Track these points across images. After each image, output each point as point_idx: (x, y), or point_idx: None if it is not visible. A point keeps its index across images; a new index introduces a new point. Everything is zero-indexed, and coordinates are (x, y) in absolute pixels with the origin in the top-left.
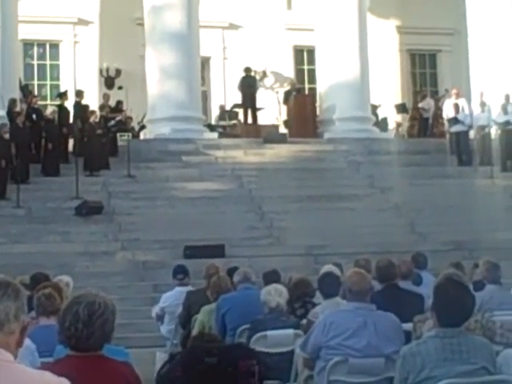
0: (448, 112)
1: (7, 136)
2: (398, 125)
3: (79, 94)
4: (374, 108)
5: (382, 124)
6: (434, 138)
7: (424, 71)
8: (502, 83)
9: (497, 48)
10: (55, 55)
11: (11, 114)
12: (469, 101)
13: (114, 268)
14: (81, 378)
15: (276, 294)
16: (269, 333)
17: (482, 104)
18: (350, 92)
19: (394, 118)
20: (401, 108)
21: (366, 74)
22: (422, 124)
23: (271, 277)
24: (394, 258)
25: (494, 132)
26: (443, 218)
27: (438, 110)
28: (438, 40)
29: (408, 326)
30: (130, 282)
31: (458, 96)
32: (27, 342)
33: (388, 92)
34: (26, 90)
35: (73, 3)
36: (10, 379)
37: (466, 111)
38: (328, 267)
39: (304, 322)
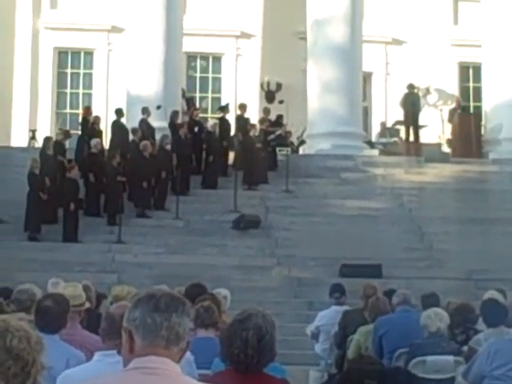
0: None
1: (169, 147)
2: None
3: (242, 107)
4: None
5: None
6: None
7: None
8: None
9: None
10: (217, 68)
11: (173, 125)
12: None
13: (269, 283)
14: None
15: (437, 319)
16: (428, 358)
17: None
18: None
19: None
20: None
21: None
22: None
23: (430, 300)
24: None
25: None
26: None
27: None
28: None
29: None
30: (284, 298)
31: None
32: (186, 353)
33: None
34: (190, 101)
35: (236, 16)
36: None
37: None
38: (491, 293)
39: (465, 348)
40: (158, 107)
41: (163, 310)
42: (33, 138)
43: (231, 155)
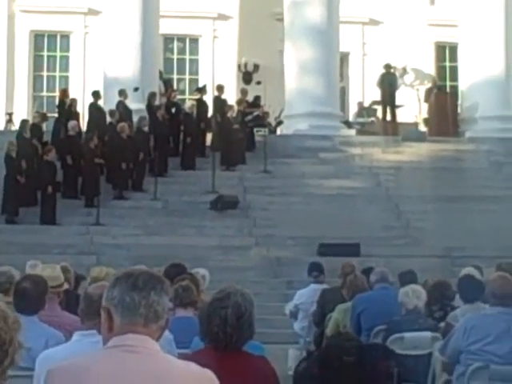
0: None
1: (146, 129)
2: None
3: (220, 88)
4: None
5: None
6: None
7: None
8: None
9: None
10: (195, 50)
11: (151, 107)
12: None
13: (247, 263)
14: (219, 371)
15: (414, 296)
16: (406, 334)
17: None
18: (493, 90)
19: None
20: None
21: (510, 72)
22: None
23: (407, 277)
24: None
25: None
26: None
27: None
28: None
29: None
30: (263, 278)
31: None
32: (165, 332)
33: None
34: (167, 83)
35: None
36: (157, 367)
37: None
38: (468, 270)
39: (442, 324)
40: (136, 89)
41: (141, 289)
42: (9, 121)
43: (209, 136)
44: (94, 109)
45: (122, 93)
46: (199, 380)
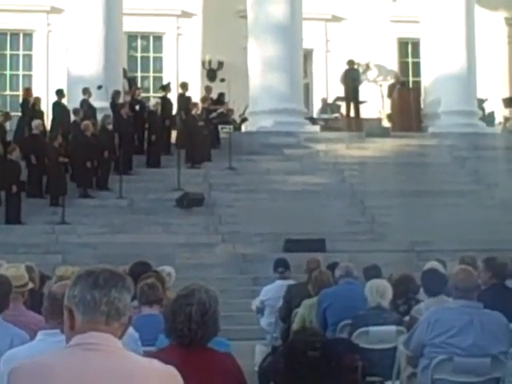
0: None
1: (111, 127)
2: (506, 119)
3: (184, 86)
4: (481, 102)
5: (489, 118)
6: None
7: None
8: None
9: None
10: (158, 48)
11: (115, 105)
12: None
13: (214, 260)
14: (184, 368)
15: (378, 295)
16: (371, 329)
17: None
18: (455, 85)
19: (501, 113)
20: (508, 102)
21: (472, 67)
22: None
23: (372, 272)
24: (501, 256)
25: None
26: None
27: None
28: None
29: None
30: (229, 275)
31: None
32: (131, 330)
33: (495, 85)
34: (131, 81)
35: None
36: (120, 365)
37: None
38: (432, 264)
39: (407, 318)
40: (99, 87)
41: (102, 286)
42: None
43: (174, 134)
44: (58, 107)
45: (85, 91)
46: (162, 377)
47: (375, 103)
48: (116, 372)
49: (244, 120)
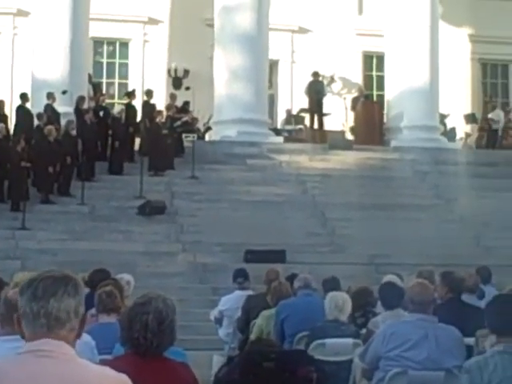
0: None
1: (74, 132)
2: (467, 135)
3: (149, 93)
4: (443, 117)
5: (450, 134)
6: (503, 150)
7: (495, 81)
8: None
9: None
10: (124, 54)
11: (79, 111)
12: None
13: (174, 269)
14: (138, 376)
15: (336, 310)
16: (327, 341)
17: None
18: (418, 100)
19: (462, 128)
20: (470, 118)
21: (435, 82)
22: (491, 135)
23: (331, 284)
24: (459, 270)
25: None
26: (510, 233)
27: (509, 121)
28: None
29: (470, 340)
30: (189, 284)
31: None
32: (87, 338)
33: (457, 101)
34: (96, 86)
35: (144, 2)
36: (73, 372)
37: None
38: (390, 277)
39: (364, 331)
40: (64, 92)
41: (40, 298)
42: None
43: (137, 141)
44: (22, 111)
45: (50, 96)
46: None
47: (339, 116)
48: (68, 379)
49: (208, 129)
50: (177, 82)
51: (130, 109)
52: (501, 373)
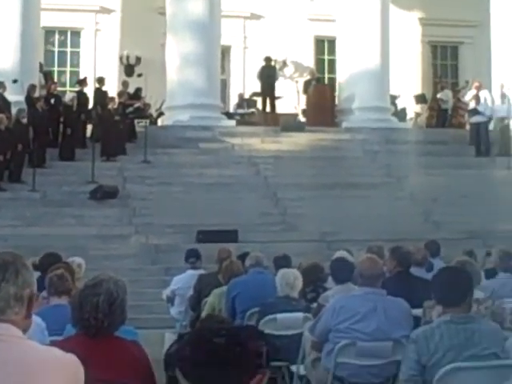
0: (470, 103)
1: (25, 121)
2: (417, 115)
3: (100, 80)
4: (393, 98)
5: (401, 114)
6: (452, 129)
7: (445, 63)
8: None
9: None
10: (76, 43)
11: (30, 99)
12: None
13: (127, 251)
14: (89, 356)
15: (288, 287)
16: (278, 316)
17: (503, 96)
18: (369, 82)
19: (413, 109)
20: (420, 98)
21: (386, 65)
22: (441, 115)
23: (282, 262)
24: (408, 245)
25: None
26: (458, 208)
27: (458, 101)
28: (461, 32)
29: (417, 311)
30: (142, 265)
31: (479, 88)
32: (38, 320)
33: (408, 82)
34: (48, 75)
35: None
36: (19, 354)
37: (489, 103)
38: (340, 253)
39: (315, 305)
40: (15, 81)
41: None
42: None
43: (89, 128)
44: None
45: (0, 85)
46: (62, 365)
47: (291, 99)
48: (13, 361)
49: (160, 114)
50: (129, 69)
51: (81, 96)
52: (447, 342)
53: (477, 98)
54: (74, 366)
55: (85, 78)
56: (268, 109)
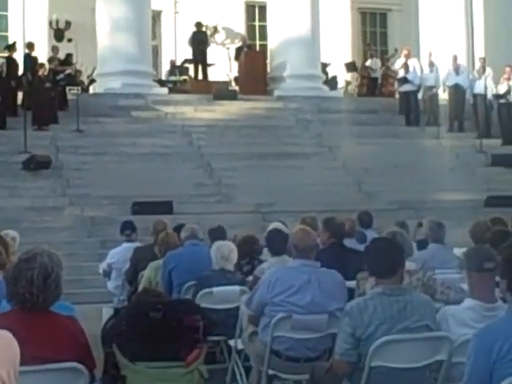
0: (399, 71)
1: None
2: (348, 83)
3: (30, 46)
4: (324, 66)
5: (332, 82)
6: (382, 98)
7: (374, 30)
8: (451, 44)
9: (447, 8)
10: (3, 6)
11: None
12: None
13: (61, 223)
14: (25, 331)
15: (223, 260)
16: (215, 289)
17: (431, 64)
18: (300, 49)
19: (343, 77)
20: (350, 66)
21: (316, 32)
22: (371, 83)
23: (217, 234)
24: (339, 216)
25: (442, 92)
26: (390, 178)
27: (387, 69)
28: None
29: (351, 283)
30: (77, 238)
31: (408, 56)
32: None
33: (338, 50)
34: None
35: None
36: None
37: (418, 71)
38: (275, 225)
39: (250, 278)
40: None
41: None
42: None
43: (20, 95)
44: None
45: None
46: None
47: (223, 66)
48: None
49: (92, 81)
50: (59, 33)
51: (11, 62)
52: (380, 314)
53: (406, 66)
54: (7, 342)
55: (14, 43)
56: (200, 76)
